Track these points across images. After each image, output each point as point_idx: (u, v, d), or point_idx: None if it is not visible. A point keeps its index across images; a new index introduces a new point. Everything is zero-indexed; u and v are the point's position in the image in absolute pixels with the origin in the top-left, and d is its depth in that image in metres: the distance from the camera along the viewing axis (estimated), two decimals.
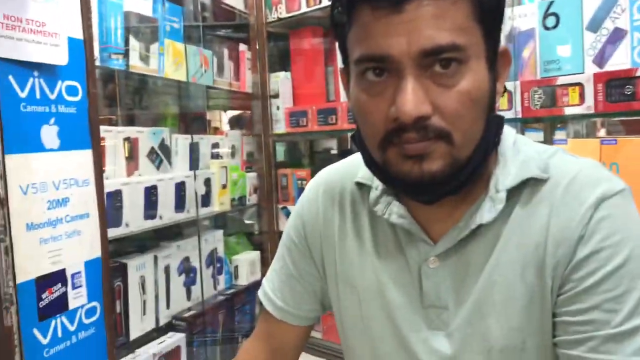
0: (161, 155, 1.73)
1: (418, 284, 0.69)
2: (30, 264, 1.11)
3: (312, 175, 2.11)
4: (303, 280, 0.83)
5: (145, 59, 1.63)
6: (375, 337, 0.73)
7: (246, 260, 2.15)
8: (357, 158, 0.77)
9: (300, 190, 2.16)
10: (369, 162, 0.66)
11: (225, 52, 2.12)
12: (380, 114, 0.59)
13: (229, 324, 2.01)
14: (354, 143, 0.69)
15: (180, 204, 1.76)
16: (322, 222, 0.80)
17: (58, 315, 1.17)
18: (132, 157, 1.61)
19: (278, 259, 0.87)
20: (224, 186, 2.03)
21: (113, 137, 1.54)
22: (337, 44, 0.68)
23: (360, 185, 0.76)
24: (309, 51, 2.18)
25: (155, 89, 1.98)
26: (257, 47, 2.21)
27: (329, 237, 0.79)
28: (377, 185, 0.72)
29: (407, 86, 0.56)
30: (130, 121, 1.93)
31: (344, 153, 2.23)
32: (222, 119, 2.90)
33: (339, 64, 2.01)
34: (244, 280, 2.12)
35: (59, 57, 1.17)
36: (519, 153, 0.66)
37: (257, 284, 2.17)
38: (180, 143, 1.84)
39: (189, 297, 1.85)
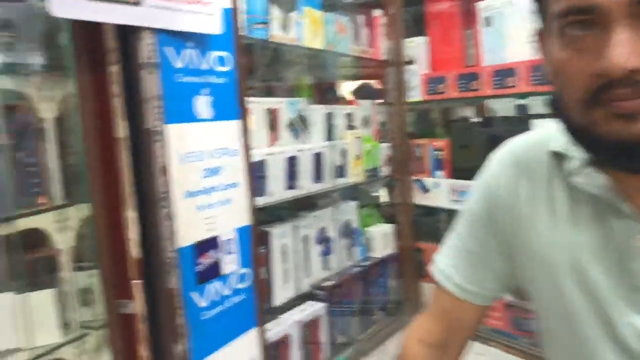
0: (299, 125, 1.73)
1: (623, 263, 0.61)
2: (189, 230, 1.15)
3: (451, 145, 2.03)
4: (485, 257, 0.77)
5: (285, 27, 1.62)
6: (575, 319, 0.66)
7: (379, 233, 2.11)
8: (545, 129, 0.71)
9: (437, 161, 2.07)
10: (570, 128, 0.59)
11: (361, 18, 2.06)
12: (584, 71, 0.53)
13: (364, 296, 2.00)
14: (551, 108, 0.63)
15: (317, 175, 1.76)
16: (508, 197, 0.73)
17: (213, 280, 1.21)
18: (272, 128, 1.62)
19: (457, 235, 0.81)
20: (358, 157, 1.99)
21: (255, 108, 1.56)
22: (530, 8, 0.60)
23: (555, 155, 0.68)
24: (446, 14, 2.06)
25: (289, 58, 1.97)
26: (392, 12, 2.12)
27: (516, 212, 0.72)
28: (575, 154, 0.64)
29: (617, 37, 0.49)
30: (267, 92, 1.94)
31: (487, 121, 2.11)
32: (347, 88, 2.86)
33: (479, 26, 1.89)
34: (377, 252, 2.09)
35: (213, 26, 1.18)
36: None
37: (391, 257, 2.14)
38: (316, 113, 1.83)
39: (325, 267, 1.85)
